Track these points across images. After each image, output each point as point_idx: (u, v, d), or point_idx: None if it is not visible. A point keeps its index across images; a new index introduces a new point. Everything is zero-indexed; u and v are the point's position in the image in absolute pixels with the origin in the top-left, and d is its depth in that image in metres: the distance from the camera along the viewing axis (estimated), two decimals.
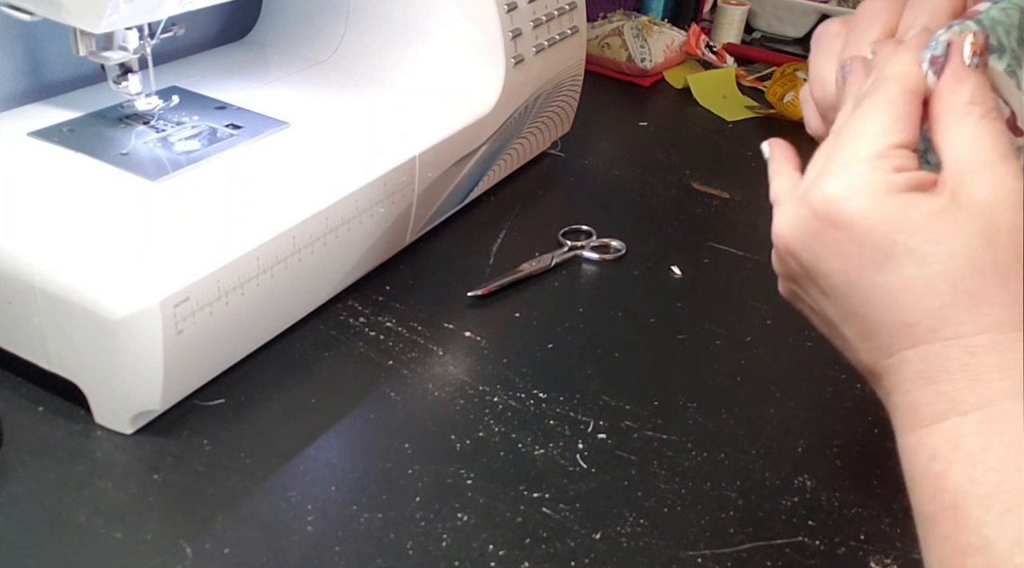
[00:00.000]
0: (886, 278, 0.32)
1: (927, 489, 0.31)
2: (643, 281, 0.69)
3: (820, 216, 0.33)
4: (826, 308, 0.35)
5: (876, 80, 0.34)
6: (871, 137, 0.33)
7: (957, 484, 0.30)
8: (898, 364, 0.32)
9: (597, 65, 1.10)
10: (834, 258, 0.33)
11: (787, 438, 0.54)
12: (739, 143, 0.97)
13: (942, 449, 0.31)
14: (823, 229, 0.33)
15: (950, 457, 0.31)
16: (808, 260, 0.34)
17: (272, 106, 0.64)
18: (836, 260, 0.33)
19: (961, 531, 0.30)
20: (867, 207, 0.32)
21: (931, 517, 0.31)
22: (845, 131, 0.34)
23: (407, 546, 0.44)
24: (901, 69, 0.34)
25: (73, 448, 0.47)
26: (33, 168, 0.53)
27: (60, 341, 0.47)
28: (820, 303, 0.35)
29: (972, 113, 0.32)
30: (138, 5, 0.50)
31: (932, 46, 0.34)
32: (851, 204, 0.32)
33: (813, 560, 0.46)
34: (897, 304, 0.32)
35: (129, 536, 0.42)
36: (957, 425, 0.31)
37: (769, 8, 1.32)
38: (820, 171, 0.33)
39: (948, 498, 0.30)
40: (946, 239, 0.31)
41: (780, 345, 0.62)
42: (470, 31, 0.70)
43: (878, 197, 0.31)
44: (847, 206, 0.32)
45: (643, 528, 0.46)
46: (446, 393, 0.54)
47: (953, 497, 0.30)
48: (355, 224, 0.58)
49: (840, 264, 0.33)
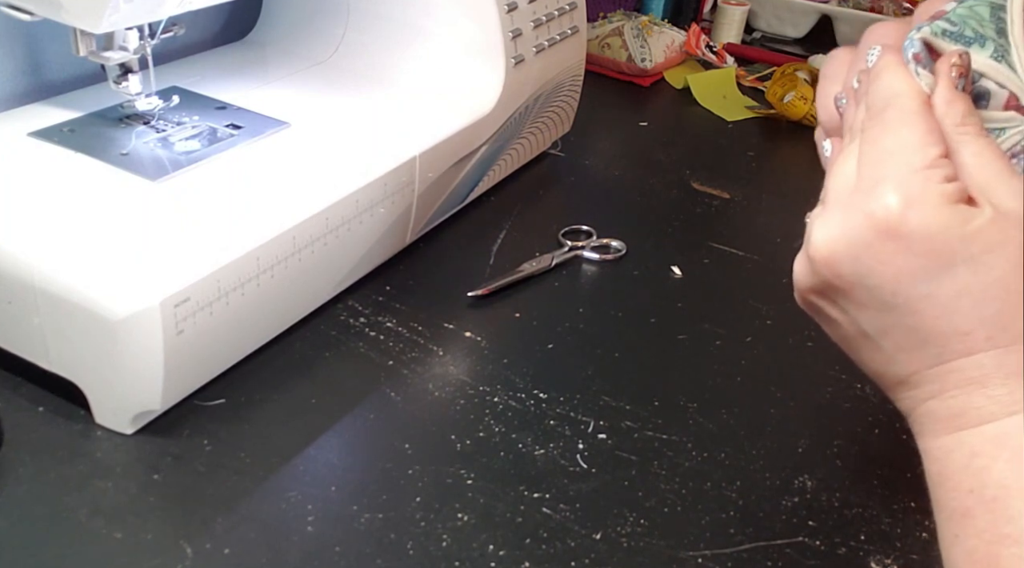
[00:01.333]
0: (941, 288, 0.32)
1: (964, 484, 0.32)
2: (643, 281, 0.69)
3: (878, 227, 0.32)
4: (862, 321, 0.35)
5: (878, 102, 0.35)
6: (915, 150, 0.33)
7: (999, 478, 0.31)
8: (944, 373, 0.33)
9: (597, 65, 1.10)
10: (885, 270, 0.33)
11: (787, 438, 0.54)
12: (739, 143, 0.97)
13: (985, 447, 0.32)
14: (877, 240, 0.33)
15: (994, 454, 0.32)
16: (852, 272, 0.34)
17: (272, 106, 0.64)
18: (887, 272, 0.33)
19: (1000, 522, 0.31)
20: (929, 218, 0.32)
21: (965, 510, 0.32)
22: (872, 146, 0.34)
23: (407, 546, 0.44)
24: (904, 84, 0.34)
25: (73, 448, 0.47)
26: (33, 168, 0.53)
27: (60, 341, 0.47)
28: (855, 316, 0.35)
29: (967, 133, 0.33)
30: (138, 5, 0.50)
31: (908, 45, 0.35)
32: (914, 215, 0.32)
33: (813, 560, 0.46)
34: (951, 313, 0.32)
35: (129, 536, 0.42)
36: (1005, 425, 0.32)
37: (769, 8, 1.32)
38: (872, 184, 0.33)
39: (989, 492, 0.31)
40: (999, 247, 0.31)
41: (780, 345, 0.62)
42: (470, 31, 0.70)
43: (938, 208, 0.32)
44: (910, 216, 0.32)
45: (643, 528, 0.46)
46: (446, 393, 0.54)
47: (994, 491, 0.31)
48: (355, 224, 0.58)
49: (891, 276, 0.33)
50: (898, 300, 0.33)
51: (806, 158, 0.96)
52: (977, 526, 0.32)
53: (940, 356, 0.33)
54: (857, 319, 0.35)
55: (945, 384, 0.33)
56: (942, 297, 0.32)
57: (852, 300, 0.35)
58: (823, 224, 0.35)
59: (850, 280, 0.34)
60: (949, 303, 0.32)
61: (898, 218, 0.32)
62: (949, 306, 0.32)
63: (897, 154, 0.33)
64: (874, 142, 0.34)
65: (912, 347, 0.34)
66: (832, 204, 0.35)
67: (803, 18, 1.30)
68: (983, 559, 0.31)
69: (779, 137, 1.00)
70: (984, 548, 0.31)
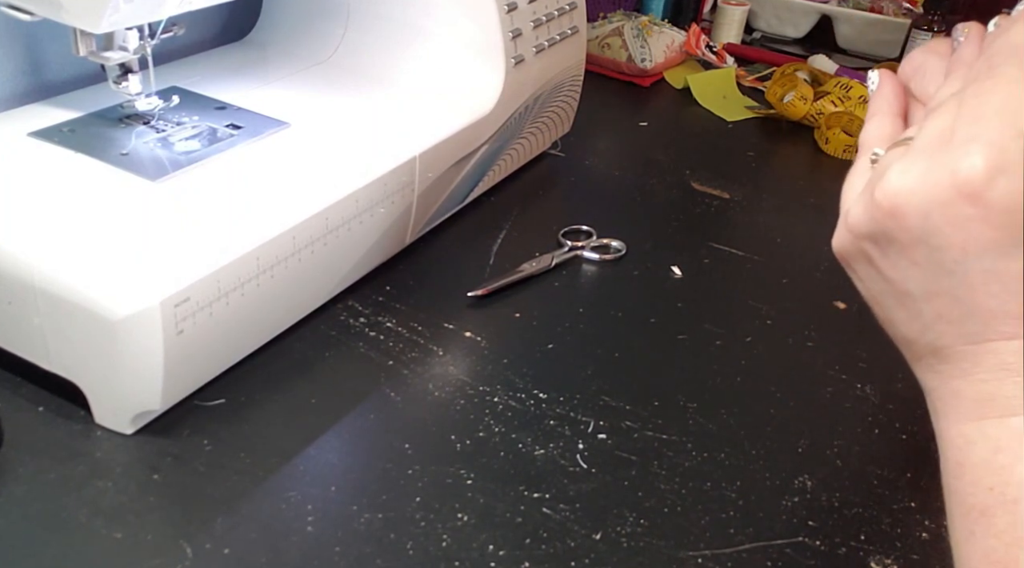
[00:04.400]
0: (1006, 265, 0.30)
1: (985, 480, 0.31)
2: (643, 281, 0.69)
3: (960, 188, 0.30)
4: (909, 280, 0.33)
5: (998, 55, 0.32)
6: (1019, 112, 0.30)
7: (1022, 479, 0.30)
8: (981, 353, 0.31)
9: (597, 65, 1.10)
10: (954, 234, 0.30)
11: (787, 438, 0.54)
12: (739, 143, 0.97)
13: (1011, 443, 0.30)
14: (956, 202, 0.30)
15: (1019, 452, 0.30)
16: (919, 227, 0.31)
17: (272, 106, 0.64)
18: (956, 237, 0.30)
19: (1019, 526, 0.29)
20: (1016, 190, 0.29)
21: (984, 508, 0.31)
22: (978, 99, 0.31)
23: (407, 546, 0.44)
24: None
25: (73, 448, 0.47)
26: (33, 168, 0.53)
27: (60, 341, 0.47)
28: (904, 273, 0.33)
29: None
30: (138, 5, 0.50)
31: None
32: (1001, 184, 0.29)
33: (813, 560, 0.46)
34: (1007, 293, 0.30)
35: (129, 536, 0.42)
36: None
37: (769, 8, 1.32)
38: (966, 140, 0.30)
39: (1011, 492, 0.30)
40: None
41: (780, 345, 0.62)
42: (470, 31, 0.70)
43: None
44: (997, 184, 0.29)
45: (643, 528, 0.46)
46: (446, 393, 0.54)
47: (1016, 492, 0.30)
48: (355, 224, 0.58)
49: (959, 242, 0.30)
50: (957, 268, 0.31)
51: (806, 158, 0.96)
52: (996, 527, 0.30)
53: (981, 334, 0.31)
54: (905, 276, 0.33)
55: (978, 365, 0.32)
56: (1004, 275, 0.30)
57: (907, 255, 0.32)
58: (903, 170, 0.32)
59: (915, 235, 0.31)
60: (1009, 283, 0.30)
61: (984, 183, 0.29)
62: (1008, 286, 0.30)
63: (1001, 114, 0.30)
64: (980, 96, 0.31)
65: (954, 318, 0.32)
66: (919, 150, 0.32)
67: (803, 18, 1.30)
68: (1001, 560, 0.30)
69: (779, 137, 1.00)
70: (1003, 550, 0.30)
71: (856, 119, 0.95)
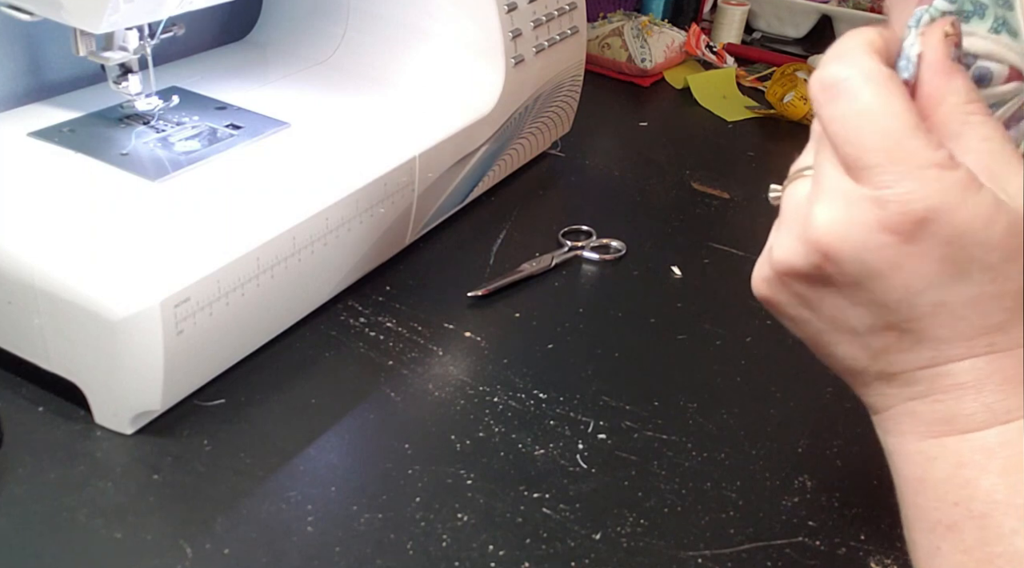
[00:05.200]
0: (954, 293, 0.29)
1: (950, 496, 0.30)
2: (643, 281, 0.69)
3: (893, 230, 0.28)
4: (852, 318, 0.31)
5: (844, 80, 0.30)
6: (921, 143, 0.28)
7: (989, 492, 0.29)
8: (934, 376, 0.31)
9: (597, 65, 1.10)
10: (894, 276, 0.29)
11: (787, 438, 0.54)
12: (739, 143, 0.97)
13: (974, 457, 0.29)
14: (889, 244, 0.29)
15: (983, 466, 0.29)
16: (856, 271, 0.30)
17: (272, 106, 0.64)
18: (896, 278, 0.29)
19: (991, 540, 0.29)
20: (950, 223, 0.28)
21: (951, 524, 0.30)
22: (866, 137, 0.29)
23: (407, 546, 0.44)
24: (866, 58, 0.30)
25: (73, 448, 0.47)
26: (33, 168, 0.53)
27: (60, 341, 0.47)
28: (845, 312, 0.32)
29: (975, 113, 0.30)
30: (138, 5, 0.50)
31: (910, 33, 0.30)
32: (934, 219, 0.28)
33: (813, 560, 0.46)
34: (957, 321, 0.29)
35: (129, 536, 0.42)
36: (995, 434, 0.29)
37: (769, 8, 1.32)
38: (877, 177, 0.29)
39: (977, 507, 0.29)
40: (1018, 255, 0.28)
41: (780, 345, 0.62)
42: (470, 31, 0.70)
43: (958, 209, 0.28)
44: (931, 221, 0.28)
45: (643, 528, 0.46)
46: (446, 393, 0.54)
47: (983, 506, 0.29)
48: (355, 224, 0.58)
49: (900, 283, 0.29)
50: (902, 306, 0.30)
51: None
52: (965, 542, 0.29)
53: (934, 359, 0.30)
54: (847, 316, 0.32)
55: (933, 386, 0.31)
56: (952, 305, 0.29)
57: (847, 296, 0.31)
58: (827, 208, 0.30)
59: (852, 277, 0.30)
60: (957, 311, 0.29)
61: (917, 223, 0.28)
62: (956, 314, 0.29)
63: (898, 143, 0.28)
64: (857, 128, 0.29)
65: (904, 348, 0.31)
66: (831, 190, 0.30)
67: (803, 18, 1.30)
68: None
69: (779, 137, 1.00)
70: (973, 565, 0.29)
71: None
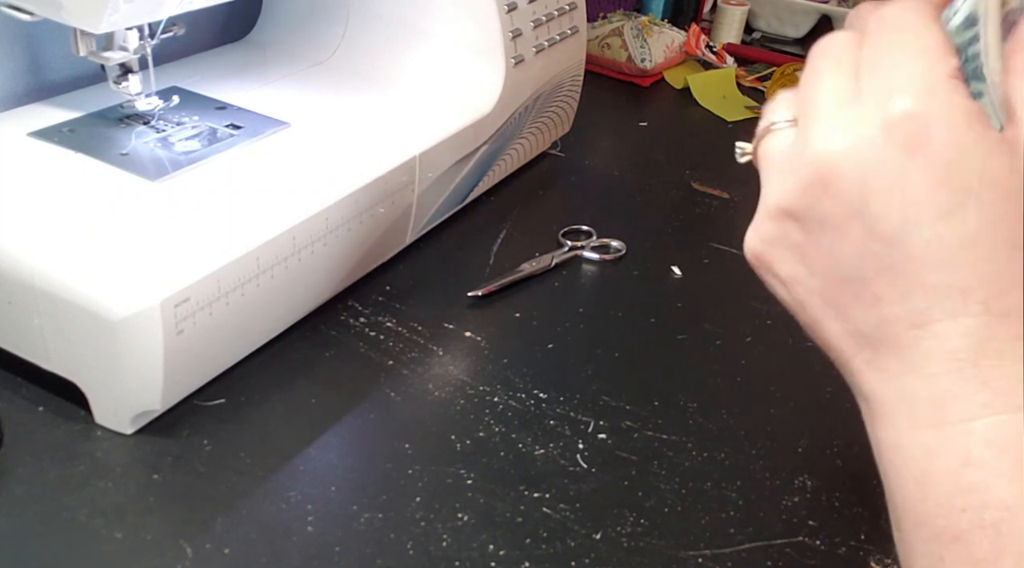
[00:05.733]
0: (948, 229, 0.26)
1: (956, 500, 0.26)
2: (643, 281, 0.69)
3: (897, 141, 0.27)
4: (843, 261, 0.29)
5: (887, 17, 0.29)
6: (937, 56, 0.27)
7: (1002, 497, 0.25)
8: (927, 338, 0.27)
9: (597, 65, 1.10)
10: (894, 198, 0.27)
11: (787, 438, 0.54)
12: None
13: (983, 454, 0.26)
14: (893, 156, 0.27)
15: (994, 465, 0.26)
16: (854, 194, 0.28)
17: (272, 106, 0.64)
18: (896, 199, 0.27)
19: (1006, 554, 0.25)
20: (954, 138, 0.26)
21: (957, 533, 0.26)
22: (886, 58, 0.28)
23: (407, 546, 0.44)
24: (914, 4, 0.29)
25: (73, 448, 0.47)
26: (33, 168, 0.53)
27: (60, 341, 0.47)
28: (836, 255, 0.29)
29: None
30: (138, 5, 0.50)
31: None
32: (938, 131, 0.26)
33: (813, 560, 0.46)
34: (950, 263, 0.27)
35: (129, 536, 0.42)
36: (1005, 423, 0.26)
37: (769, 8, 1.32)
38: (886, 92, 0.27)
39: (990, 514, 0.25)
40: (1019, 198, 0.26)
41: (780, 345, 0.62)
42: (470, 31, 0.70)
43: (965, 127, 0.26)
44: (934, 133, 0.26)
45: (643, 528, 0.46)
46: (446, 393, 0.54)
47: (997, 513, 0.25)
48: (355, 224, 0.58)
49: (899, 205, 0.27)
50: (895, 239, 0.27)
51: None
52: (975, 555, 0.26)
53: (925, 313, 0.27)
54: (838, 260, 0.29)
55: (928, 356, 0.27)
56: (945, 241, 0.27)
57: (840, 233, 0.29)
58: (826, 130, 0.28)
59: (850, 206, 0.28)
60: (951, 251, 0.27)
61: (923, 131, 0.26)
62: (950, 256, 0.27)
63: (916, 62, 0.27)
64: (884, 48, 0.28)
65: (895, 298, 0.28)
66: (828, 116, 0.29)
67: (803, 18, 1.30)
68: None
69: None
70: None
71: None
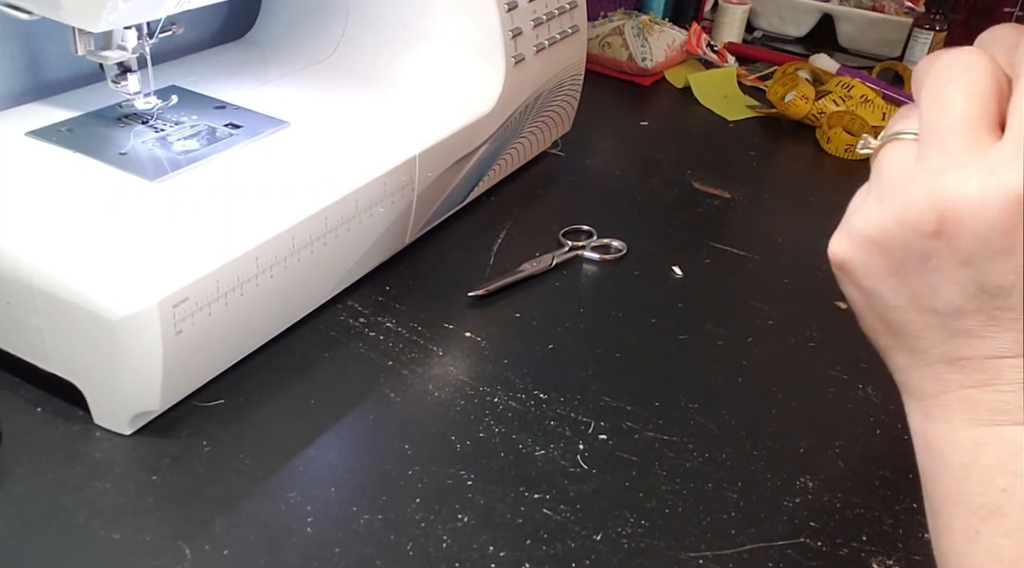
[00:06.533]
0: None
1: (998, 481, 0.30)
2: (644, 281, 0.68)
3: None
4: (939, 298, 0.30)
5: None
6: None
7: None
8: (1003, 367, 0.30)
9: (598, 64, 1.10)
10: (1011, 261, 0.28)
11: (789, 439, 0.54)
12: (740, 143, 0.97)
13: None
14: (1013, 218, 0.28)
15: None
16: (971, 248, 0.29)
17: (272, 106, 0.63)
18: (1012, 263, 0.28)
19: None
20: None
21: (996, 508, 0.30)
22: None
23: (407, 547, 0.43)
24: None
25: (72, 449, 0.46)
26: (32, 168, 0.53)
27: (59, 341, 0.46)
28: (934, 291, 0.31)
29: None
30: (137, 4, 0.50)
31: None
32: None
33: (815, 561, 0.45)
34: None
35: (128, 537, 0.42)
36: None
37: (771, 7, 1.31)
38: None
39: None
40: None
41: (782, 346, 0.62)
42: (470, 31, 0.70)
43: None
44: None
45: (644, 529, 0.46)
46: (446, 394, 0.54)
47: None
48: (355, 224, 0.58)
49: (1014, 267, 0.28)
50: (1008, 292, 0.29)
51: (808, 157, 0.96)
52: (1007, 526, 0.30)
53: (1010, 350, 0.30)
54: (935, 292, 0.30)
55: (999, 377, 0.30)
56: None
57: (944, 275, 0.30)
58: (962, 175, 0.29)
59: (965, 253, 0.29)
60: None
61: None
62: None
63: None
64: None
65: (986, 335, 0.30)
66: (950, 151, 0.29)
67: (805, 17, 1.30)
68: (1011, 559, 0.30)
69: (780, 136, 1.00)
70: (1014, 548, 0.30)
71: (858, 118, 0.95)
